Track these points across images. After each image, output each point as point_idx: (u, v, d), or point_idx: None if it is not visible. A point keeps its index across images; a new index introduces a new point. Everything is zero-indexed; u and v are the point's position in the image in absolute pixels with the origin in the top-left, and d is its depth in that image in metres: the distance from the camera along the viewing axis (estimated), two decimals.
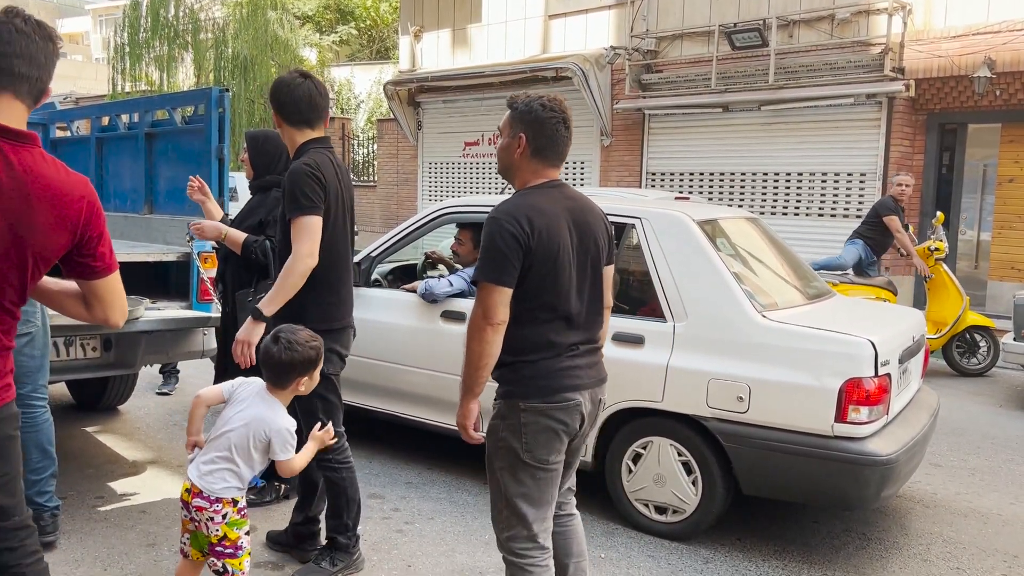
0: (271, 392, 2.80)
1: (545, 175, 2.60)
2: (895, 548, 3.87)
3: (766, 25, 10.80)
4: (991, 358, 7.71)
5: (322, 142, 3.24)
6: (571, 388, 2.53)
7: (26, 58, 1.88)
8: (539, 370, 2.51)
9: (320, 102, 3.23)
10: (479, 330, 2.45)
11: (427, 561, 3.55)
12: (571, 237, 2.54)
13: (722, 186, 11.80)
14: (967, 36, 9.63)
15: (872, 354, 3.44)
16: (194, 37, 18.36)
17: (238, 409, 2.76)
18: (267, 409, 2.76)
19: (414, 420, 4.58)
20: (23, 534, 2.06)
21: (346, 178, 3.27)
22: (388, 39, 29.10)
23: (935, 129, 10.41)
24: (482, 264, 2.48)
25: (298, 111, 3.18)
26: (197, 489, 2.70)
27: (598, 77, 12.52)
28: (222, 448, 2.72)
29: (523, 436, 2.51)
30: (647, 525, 3.88)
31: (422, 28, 15.54)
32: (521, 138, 2.56)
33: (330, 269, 3.16)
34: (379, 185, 17.41)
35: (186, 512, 2.74)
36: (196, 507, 2.69)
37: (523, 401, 2.51)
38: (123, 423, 5.46)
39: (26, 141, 1.88)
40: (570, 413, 2.53)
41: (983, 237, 10.63)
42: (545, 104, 2.55)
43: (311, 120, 3.22)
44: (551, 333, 2.52)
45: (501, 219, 2.47)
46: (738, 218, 4.67)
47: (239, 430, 2.72)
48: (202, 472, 2.71)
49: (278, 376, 2.77)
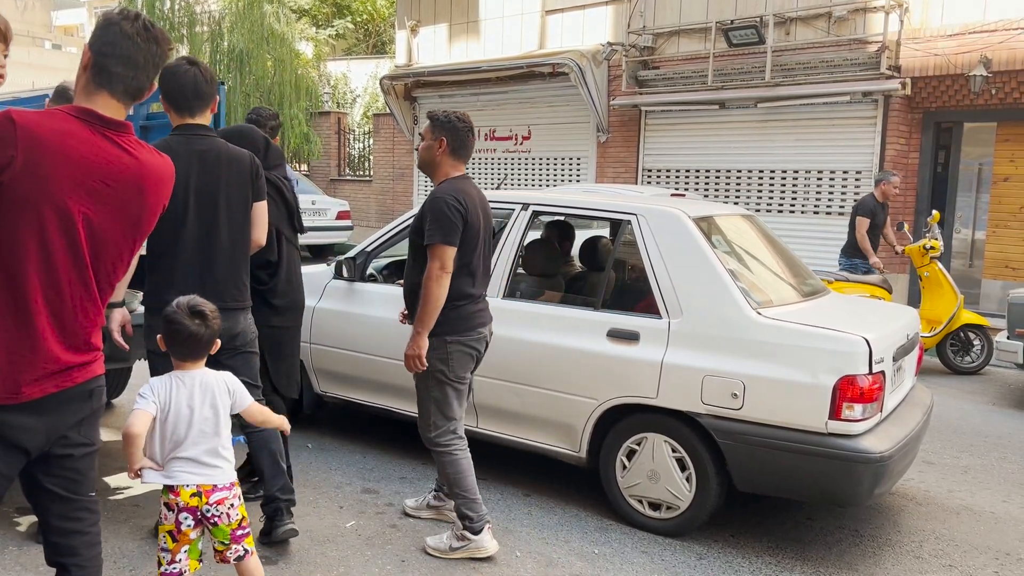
0: (187, 369, 2.69)
1: (460, 169, 3.55)
2: (888, 545, 3.88)
3: (763, 22, 10.80)
4: (985, 356, 7.73)
5: (193, 129, 3.30)
6: (480, 325, 3.57)
7: (123, 59, 2.00)
8: (461, 313, 3.48)
9: (205, 89, 3.30)
10: (438, 279, 3.33)
11: (421, 556, 3.55)
12: (480, 215, 3.48)
13: (718, 183, 11.80)
14: (963, 35, 9.64)
15: (866, 351, 3.44)
16: (190, 30, 18.27)
17: (186, 400, 2.63)
18: (206, 378, 2.68)
19: (408, 415, 4.58)
20: (88, 514, 2.16)
21: (198, 164, 3.25)
22: (385, 33, 29.04)
23: (931, 127, 10.42)
24: (437, 229, 3.32)
25: (183, 98, 3.28)
26: (208, 487, 2.63)
27: (595, 73, 12.50)
28: (202, 440, 2.63)
29: (449, 362, 3.47)
30: (641, 521, 3.89)
31: (419, 23, 15.51)
32: (442, 141, 3.47)
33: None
34: (375, 180, 17.39)
35: (192, 520, 2.63)
36: (216, 501, 2.63)
37: (449, 336, 3.45)
38: (116, 417, 5.44)
39: (126, 130, 2.03)
40: (480, 342, 3.58)
41: (978, 236, 10.65)
42: (459, 116, 3.50)
43: (193, 108, 3.30)
44: (467, 286, 3.48)
45: (446, 197, 3.37)
46: (734, 215, 4.67)
47: (205, 414, 2.64)
48: (203, 471, 2.63)
49: (200, 350, 2.69)
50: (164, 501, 2.66)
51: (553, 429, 4.09)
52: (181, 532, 2.64)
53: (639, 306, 4.02)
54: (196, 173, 3.25)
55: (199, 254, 3.28)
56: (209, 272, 3.30)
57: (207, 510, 2.63)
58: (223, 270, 3.33)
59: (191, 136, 3.29)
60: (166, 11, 17.92)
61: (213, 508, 2.64)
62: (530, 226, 4.39)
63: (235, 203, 3.35)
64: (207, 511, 2.63)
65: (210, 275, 3.30)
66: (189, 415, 2.62)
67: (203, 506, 2.62)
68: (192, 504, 2.62)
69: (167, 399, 2.62)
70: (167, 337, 2.68)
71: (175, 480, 2.61)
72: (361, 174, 18.86)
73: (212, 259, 3.31)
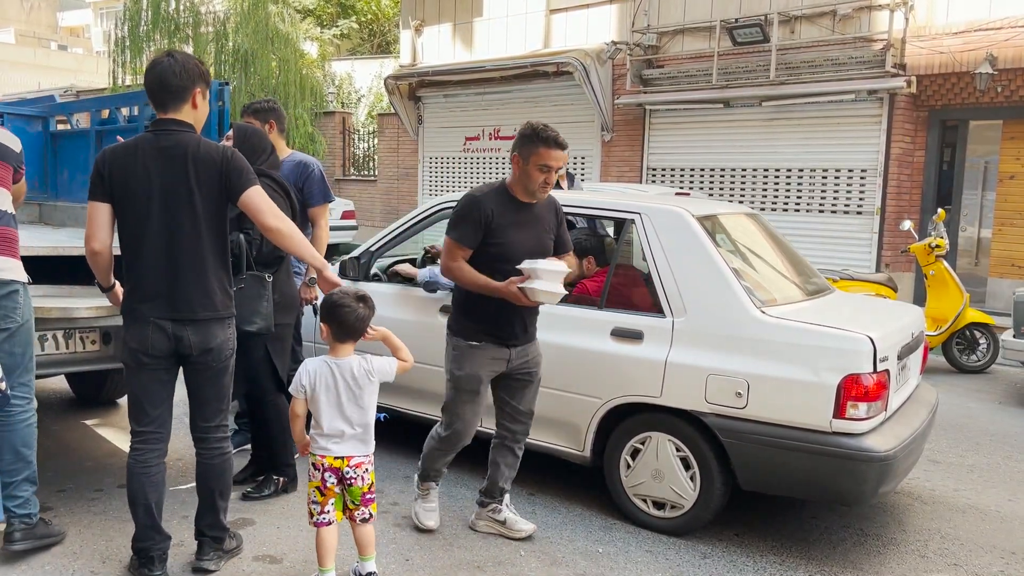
0: (340, 348, 3.11)
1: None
2: (893, 544, 3.87)
3: (767, 20, 10.78)
4: (991, 355, 7.71)
5: (164, 124, 3.08)
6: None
7: None
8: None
9: (173, 82, 3.04)
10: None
11: (425, 555, 3.56)
12: None
13: (723, 182, 11.79)
14: (969, 32, 9.61)
15: (871, 350, 3.43)
16: (195, 30, 18.30)
17: (335, 381, 3.07)
18: (351, 360, 3.11)
19: (412, 414, 4.59)
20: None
21: (163, 162, 3.03)
22: (389, 33, 29.05)
23: (936, 125, 10.40)
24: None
25: (151, 92, 3.10)
26: (350, 456, 3.08)
27: (599, 72, 12.50)
28: (349, 414, 3.08)
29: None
30: (645, 520, 3.89)
31: (423, 22, 15.52)
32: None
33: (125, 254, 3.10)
34: (379, 179, 17.40)
35: (335, 478, 3.07)
36: (355, 464, 3.08)
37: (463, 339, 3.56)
38: (122, 416, 5.46)
39: None
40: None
41: (983, 234, 10.63)
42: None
43: (162, 102, 3.07)
44: None
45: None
46: (738, 214, 4.67)
47: (351, 393, 3.08)
48: (348, 443, 3.08)
49: (356, 332, 3.11)
50: (312, 462, 3.11)
51: (557, 428, 4.09)
52: (327, 487, 3.09)
53: (643, 305, 4.02)
54: (159, 171, 3.02)
55: (164, 261, 3.04)
56: (175, 278, 3.05)
57: (347, 472, 3.08)
58: (189, 278, 3.05)
59: (159, 132, 3.07)
60: (171, 11, 17.96)
61: (352, 471, 3.08)
62: None
63: (203, 202, 3.05)
64: (346, 472, 3.08)
65: (176, 281, 3.04)
66: (337, 394, 3.07)
67: (344, 468, 3.08)
68: (335, 465, 3.08)
69: (315, 381, 3.07)
70: (333, 319, 3.06)
71: (330, 453, 3.07)
72: (366, 174, 18.86)
73: (177, 266, 3.04)
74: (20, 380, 3.34)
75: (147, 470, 3.16)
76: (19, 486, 3.35)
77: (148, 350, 3.07)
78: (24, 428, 3.36)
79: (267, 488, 4.09)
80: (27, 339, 3.35)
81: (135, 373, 3.14)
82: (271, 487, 4.10)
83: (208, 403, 3.25)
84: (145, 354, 3.08)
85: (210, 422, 3.27)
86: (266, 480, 4.12)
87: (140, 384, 3.15)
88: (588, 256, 4.51)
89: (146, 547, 3.18)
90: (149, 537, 3.17)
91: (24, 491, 3.36)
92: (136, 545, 3.20)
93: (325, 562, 3.12)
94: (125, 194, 3.04)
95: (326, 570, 3.13)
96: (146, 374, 3.12)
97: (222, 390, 3.27)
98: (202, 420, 3.27)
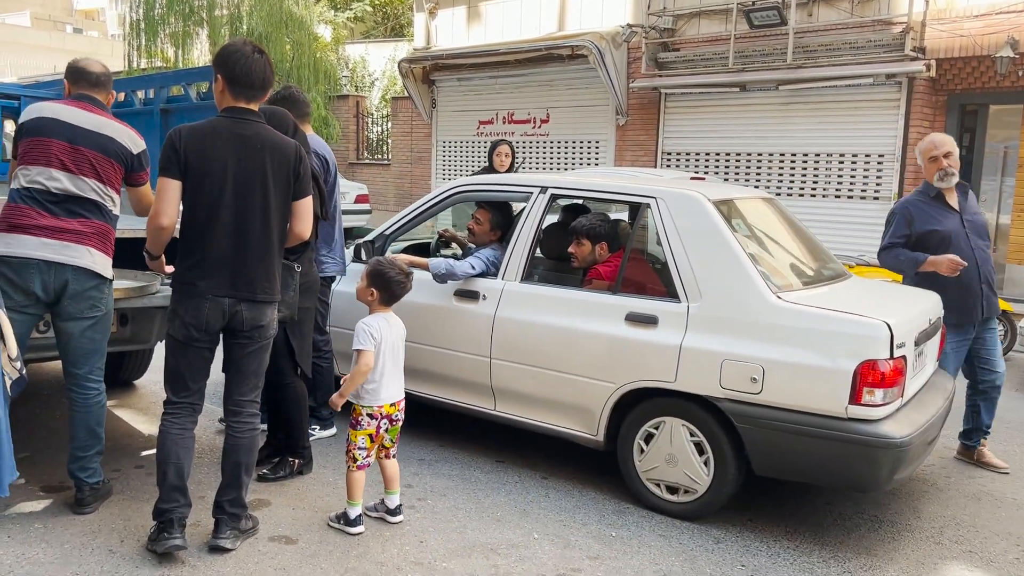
0: (386, 310, 3.63)
1: None
2: (907, 531, 3.86)
3: (785, 3, 10.66)
4: (1008, 342, 7.64)
5: (241, 112, 3.22)
6: None
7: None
8: None
9: (270, 78, 3.28)
10: None
11: (439, 537, 3.58)
12: None
13: (739, 166, 11.71)
14: (990, 15, 9.48)
15: (888, 336, 3.41)
16: (209, 13, 18.31)
17: (391, 335, 3.56)
18: (396, 318, 3.66)
19: (426, 397, 4.60)
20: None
21: (242, 149, 3.17)
22: (403, 16, 28.92)
23: (955, 110, 10.27)
24: None
25: (249, 84, 3.24)
26: (401, 399, 3.62)
27: (614, 55, 12.40)
28: (399, 364, 3.62)
29: None
30: (659, 505, 3.89)
31: (437, 5, 15.45)
32: None
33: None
34: (393, 163, 17.39)
35: (387, 423, 3.56)
36: (402, 409, 3.63)
37: None
38: (139, 398, 5.50)
39: None
40: None
41: (1002, 219, 10.50)
42: None
43: (253, 95, 3.26)
44: None
45: None
46: (754, 198, 4.63)
47: (398, 345, 3.61)
48: (399, 388, 3.60)
49: (398, 299, 3.64)
50: (368, 412, 3.52)
51: (571, 413, 4.09)
52: (378, 435, 3.55)
53: (658, 290, 4.01)
54: (238, 158, 3.15)
55: (232, 242, 3.17)
56: (241, 262, 3.19)
57: (396, 416, 3.59)
58: (255, 261, 3.21)
59: (237, 119, 3.19)
60: None
61: (399, 414, 3.61)
62: (548, 209, 4.37)
63: (275, 193, 3.22)
64: (395, 416, 3.58)
65: (242, 265, 3.19)
66: (394, 346, 3.56)
67: (394, 413, 3.58)
68: (390, 412, 3.56)
69: (382, 336, 3.51)
70: (382, 286, 3.55)
71: (387, 401, 3.54)
72: (379, 157, 18.85)
73: (245, 249, 3.19)
74: (96, 365, 3.58)
75: (182, 432, 3.29)
76: (91, 459, 3.61)
77: (203, 325, 3.20)
78: (98, 408, 3.60)
79: (282, 470, 4.12)
80: (106, 327, 3.57)
81: (182, 348, 3.26)
82: (286, 469, 4.12)
83: (247, 378, 3.37)
84: (198, 329, 3.21)
85: (246, 396, 3.39)
86: (281, 462, 4.14)
87: (186, 358, 3.27)
88: (601, 242, 4.49)
89: (168, 509, 3.24)
90: (174, 499, 3.24)
91: (94, 463, 3.63)
92: (159, 507, 3.26)
93: (358, 496, 3.57)
94: (200, 174, 3.13)
95: (356, 503, 3.57)
96: (193, 350, 3.26)
97: (261, 366, 3.40)
98: (239, 394, 3.38)
